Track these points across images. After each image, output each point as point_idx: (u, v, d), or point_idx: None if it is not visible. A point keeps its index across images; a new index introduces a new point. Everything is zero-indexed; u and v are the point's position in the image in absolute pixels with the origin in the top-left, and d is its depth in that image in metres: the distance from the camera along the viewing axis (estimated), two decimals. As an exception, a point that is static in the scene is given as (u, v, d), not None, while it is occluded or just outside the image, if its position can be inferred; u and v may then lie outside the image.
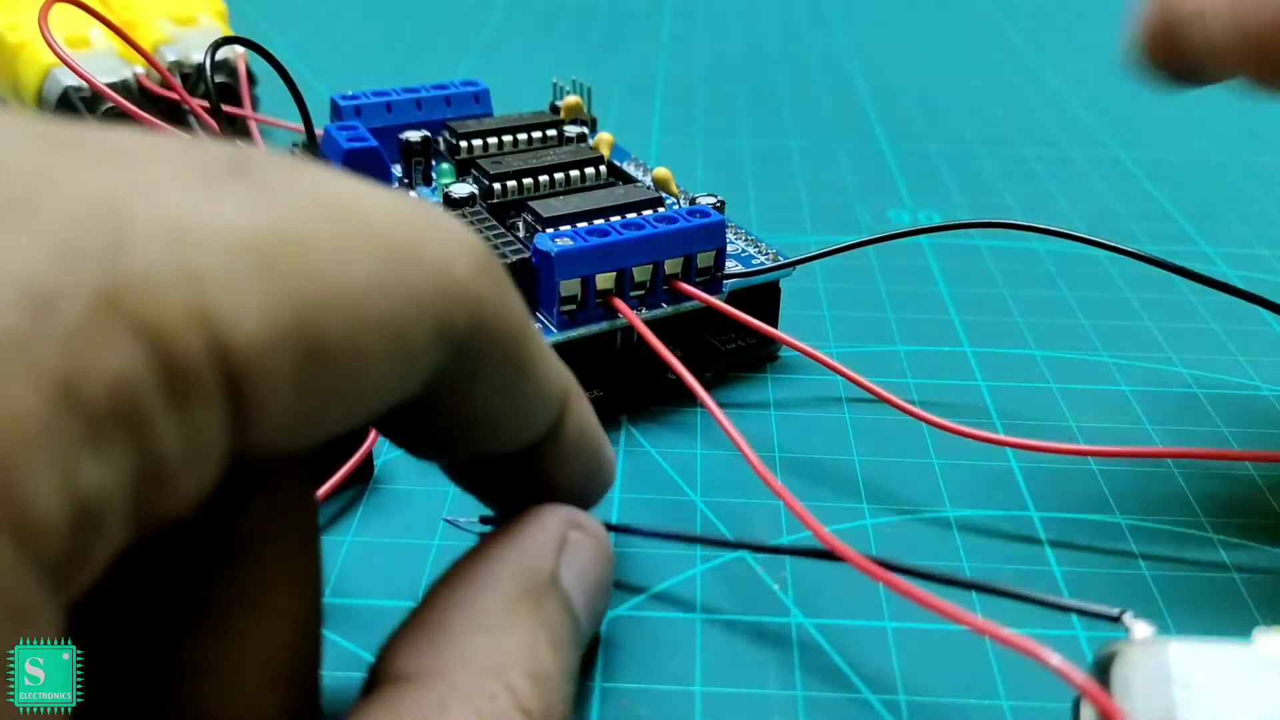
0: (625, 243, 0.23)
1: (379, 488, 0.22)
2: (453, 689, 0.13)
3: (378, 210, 0.12)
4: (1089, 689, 0.14)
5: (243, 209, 0.11)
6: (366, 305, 0.11)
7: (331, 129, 0.29)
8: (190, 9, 0.41)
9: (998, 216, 0.31)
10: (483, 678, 0.14)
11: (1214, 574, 0.20)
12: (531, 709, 0.14)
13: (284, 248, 0.11)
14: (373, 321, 0.11)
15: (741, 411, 0.25)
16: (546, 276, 0.23)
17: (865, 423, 0.24)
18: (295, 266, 0.11)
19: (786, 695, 0.17)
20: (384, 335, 0.12)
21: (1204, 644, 0.14)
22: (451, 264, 0.13)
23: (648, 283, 0.24)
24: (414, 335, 0.12)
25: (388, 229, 0.12)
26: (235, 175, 0.11)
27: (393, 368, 0.12)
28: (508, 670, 0.14)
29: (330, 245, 0.11)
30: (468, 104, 0.31)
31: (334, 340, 0.11)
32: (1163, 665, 0.14)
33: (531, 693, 0.14)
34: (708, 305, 0.24)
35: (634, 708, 0.17)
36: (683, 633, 0.19)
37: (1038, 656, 0.14)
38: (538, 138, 0.30)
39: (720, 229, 0.24)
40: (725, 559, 0.20)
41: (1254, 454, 0.23)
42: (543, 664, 0.14)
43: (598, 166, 0.28)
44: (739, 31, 0.57)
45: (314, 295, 0.11)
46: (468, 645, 0.14)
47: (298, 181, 0.12)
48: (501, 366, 0.14)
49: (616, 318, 0.23)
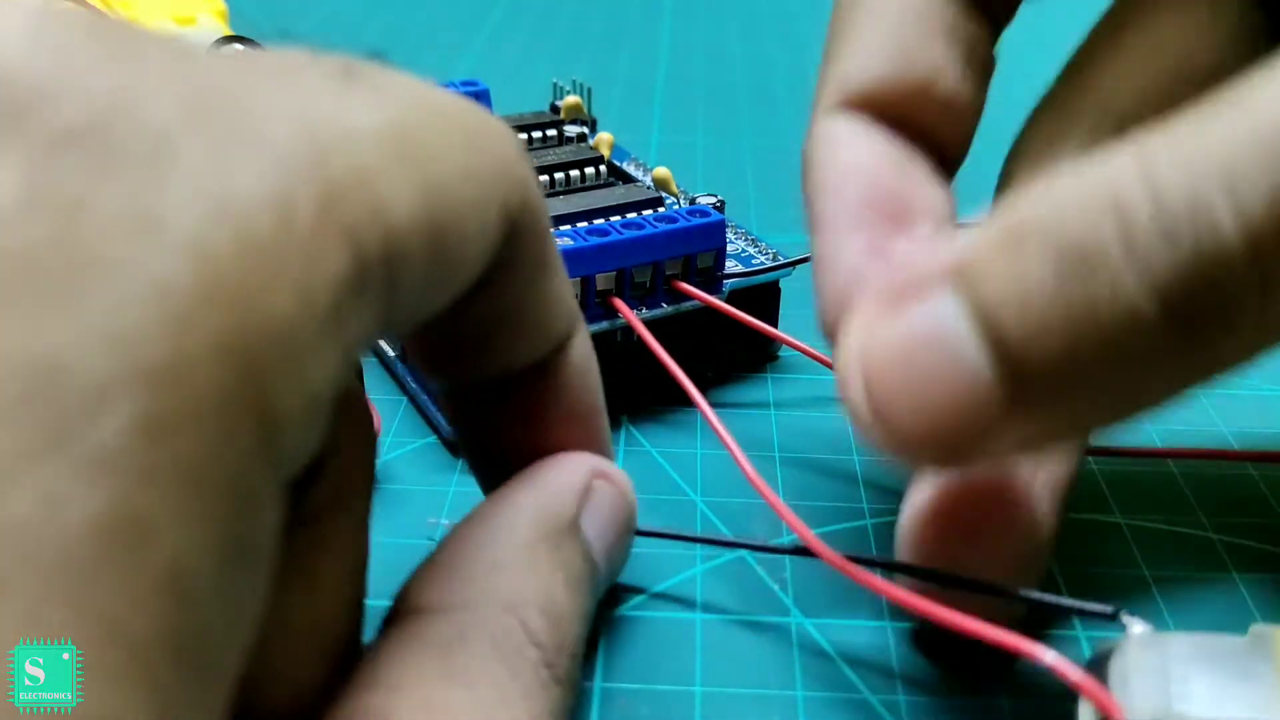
0: (625, 242, 0.23)
1: (379, 488, 0.22)
2: (471, 620, 0.14)
3: (450, 104, 0.13)
4: (1085, 686, 0.14)
5: (370, 108, 0.12)
6: (464, 187, 0.13)
7: None
8: (190, 9, 0.41)
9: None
10: (500, 612, 0.14)
11: (1214, 574, 0.20)
12: (544, 643, 0.14)
13: (407, 140, 0.12)
14: (468, 201, 0.13)
15: (741, 411, 0.25)
16: None
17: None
18: (418, 155, 0.12)
19: (786, 695, 0.17)
20: (476, 213, 0.13)
21: (1201, 639, 0.14)
22: (508, 150, 0.14)
23: (647, 282, 0.24)
24: (491, 213, 0.13)
25: (463, 119, 0.13)
26: (352, 79, 0.12)
27: (481, 245, 0.13)
28: (524, 606, 0.15)
29: (435, 136, 0.12)
30: None
31: (448, 220, 0.12)
32: (1160, 660, 0.14)
33: (545, 629, 0.15)
34: (707, 305, 0.24)
35: (634, 708, 0.17)
36: (683, 633, 0.19)
37: (1031, 655, 0.14)
38: (538, 138, 0.30)
39: (720, 229, 0.24)
40: (725, 559, 0.20)
41: (1254, 454, 0.22)
42: (558, 604, 0.15)
43: (598, 166, 0.28)
44: (739, 31, 0.57)
45: (434, 181, 0.12)
46: (487, 581, 0.15)
47: (391, 81, 0.13)
48: (533, 256, 0.15)
49: (616, 317, 0.23)
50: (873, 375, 0.15)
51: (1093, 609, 0.15)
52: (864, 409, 0.15)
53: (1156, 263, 0.13)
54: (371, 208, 0.11)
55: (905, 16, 0.18)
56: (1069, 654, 0.14)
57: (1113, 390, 0.14)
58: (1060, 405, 0.14)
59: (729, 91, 0.47)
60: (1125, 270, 0.13)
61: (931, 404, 0.14)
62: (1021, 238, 0.13)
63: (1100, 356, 0.13)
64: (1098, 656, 0.14)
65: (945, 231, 0.18)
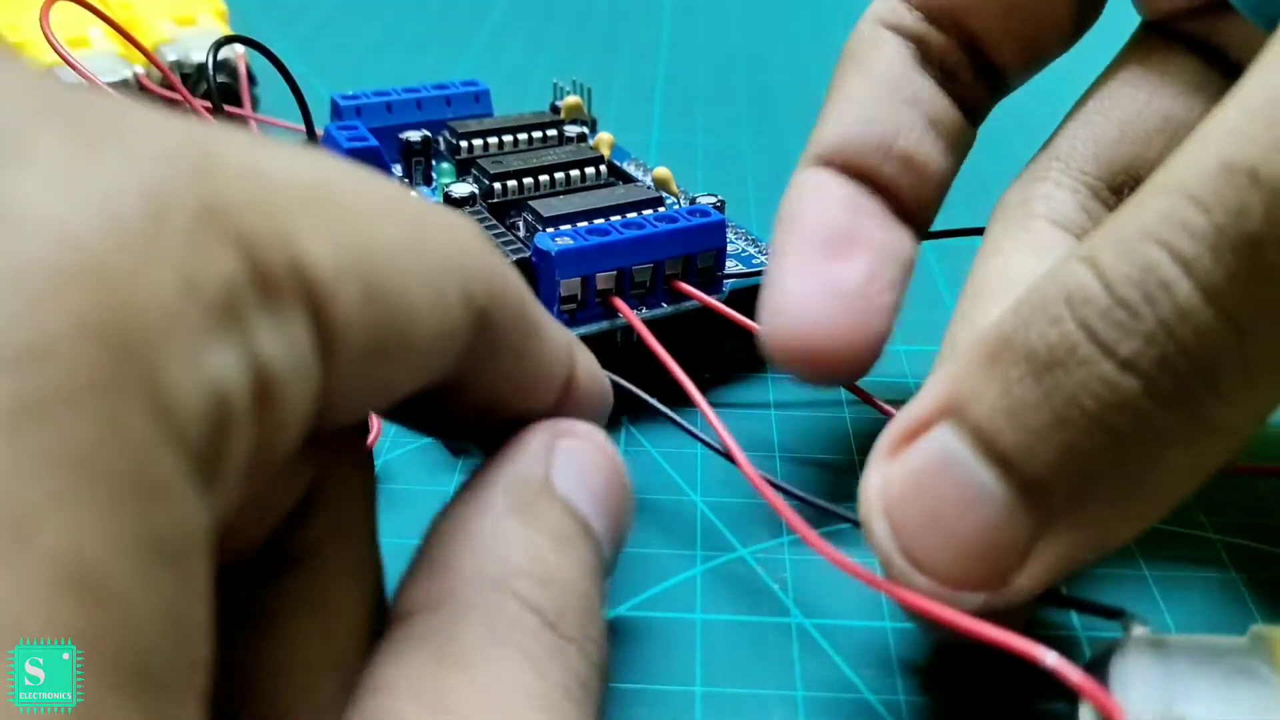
0: (625, 242, 0.23)
1: (379, 488, 0.22)
2: (460, 608, 0.14)
3: (387, 183, 0.13)
4: (1086, 687, 0.14)
5: (291, 161, 0.12)
6: (406, 259, 0.12)
7: (332, 128, 0.29)
8: (190, 9, 0.41)
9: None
10: (488, 591, 0.14)
11: (1214, 574, 0.20)
12: (543, 607, 0.14)
13: (335, 196, 0.12)
14: (413, 275, 0.12)
15: (741, 411, 0.25)
16: (546, 276, 0.23)
17: (865, 422, 0.24)
18: (347, 215, 0.12)
19: (786, 695, 0.17)
20: (424, 287, 0.12)
21: (1201, 641, 0.14)
22: (467, 239, 0.14)
23: (648, 282, 0.24)
24: (448, 295, 0.13)
25: (403, 198, 0.13)
26: (264, 142, 0.12)
27: (438, 327, 0.13)
28: (512, 579, 0.14)
29: (368, 202, 0.12)
30: (468, 104, 0.31)
31: (389, 288, 0.12)
32: (1160, 662, 0.14)
33: (539, 593, 0.14)
34: (706, 306, 0.24)
35: (634, 708, 0.17)
36: (683, 633, 0.19)
37: (1031, 656, 0.14)
38: (538, 138, 0.30)
39: (720, 228, 0.24)
40: (725, 559, 0.20)
41: (1258, 467, 0.22)
42: (549, 565, 0.14)
43: (598, 166, 0.28)
44: (739, 31, 0.57)
45: (366, 242, 0.12)
46: (468, 567, 0.14)
47: (317, 148, 0.13)
48: (516, 332, 0.15)
49: (616, 317, 0.23)
50: (894, 515, 0.15)
51: (1097, 606, 0.15)
52: (893, 551, 0.15)
53: (1123, 340, 0.13)
54: (276, 232, 0.11)
55: (875, 89, 0.21)
56: (1069, 654, 0.14)
57: (1130, 485, 0.14)
58: (1085, 512, 0.14)
59: (729, 91, 0.47)
60: (1096, 356, 0.13)
61: (956, 533, 0.14)
62: (996, 355, 0.14)
63: (1099, 445, 0.14)
64: (1098, 657, 0.14)
65: (889, 265, 0.21)
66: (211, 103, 0.29)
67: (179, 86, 0.31)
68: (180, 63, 0.39)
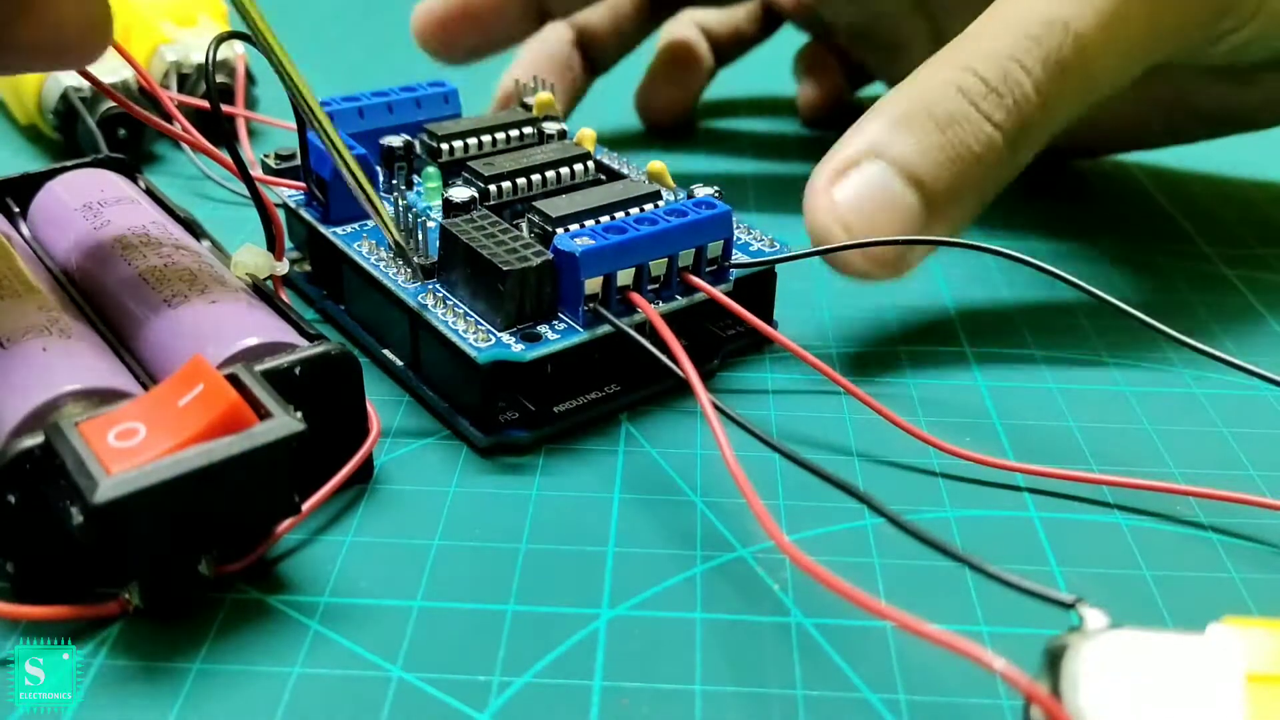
0: (643, 238, 0.23)
1: (379, 488, 0.22)
2: None
3: None
4: (1033, 693, 0.14)
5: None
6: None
7: (314, 139, 0.27)
8: (190, 9, 0.41)
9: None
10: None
11: (1214, 574, 0.20)
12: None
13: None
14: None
15: (739, 397, 0.25)
16: (570, 276, 0.23)
17: (864, 422, 0.24)
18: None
19: (786, 695, 0.17)
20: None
21: (1156, 635, 0.14)
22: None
23: (662, 276, 0.24)
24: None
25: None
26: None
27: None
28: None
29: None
30: (437, 105, 0.31)
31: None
32: (1112, 657, 0.14)
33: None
34: (715, 300, 0.24)
35: (634, 708, 0.17)
36: (683, 633, 0.19)
37: (980, 660, 0.14)
38: (516, 136, 0.30)
39: (728, 219, 0.24)
40: (725, 559, 0.20)
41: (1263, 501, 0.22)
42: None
43: (585, 163, 0.28)
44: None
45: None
46: None
47: None
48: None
49: (634, 312, 0.23)
50: (845, 222, 0.24)
51: (1052, 596, 0.15)
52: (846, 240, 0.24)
53: (995, 112, 0.24)
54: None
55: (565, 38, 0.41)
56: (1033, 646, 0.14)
57: (978, 195, 0.25)
58: (956, 209, 0.25)
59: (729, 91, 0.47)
60: (980, 119, 0.24)
61: (885, 230, 0.24)
62: (909, 118, 0.24)
63: (976, 172, 0.24)
64: (1052, 652, 0.14)
65: None
66: (210, 103, 0.29)
67: (162, 96, 0.30)
68: (180, 63, 0.39)
